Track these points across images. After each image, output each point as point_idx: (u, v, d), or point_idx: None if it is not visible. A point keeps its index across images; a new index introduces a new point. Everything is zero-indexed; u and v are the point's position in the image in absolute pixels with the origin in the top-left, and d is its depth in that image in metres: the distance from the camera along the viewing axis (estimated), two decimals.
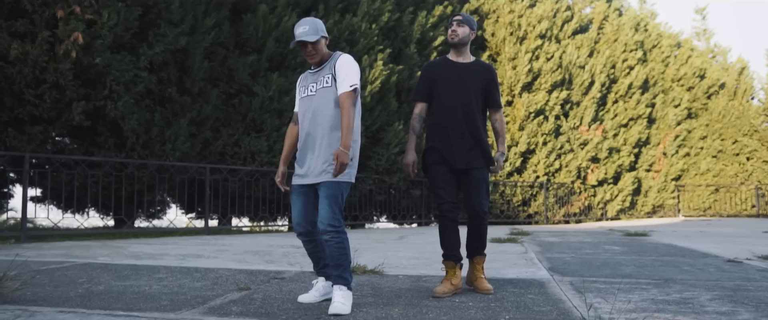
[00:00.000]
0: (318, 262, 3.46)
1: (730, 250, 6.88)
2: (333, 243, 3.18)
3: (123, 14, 8.05)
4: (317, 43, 3.30)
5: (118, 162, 8.27)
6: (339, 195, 3.21)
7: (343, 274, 3.19)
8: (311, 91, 3.36)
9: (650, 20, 18.97)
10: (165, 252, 6.04)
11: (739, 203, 18.96)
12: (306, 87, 3.42)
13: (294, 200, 3.36)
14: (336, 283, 3.18)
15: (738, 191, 18.98)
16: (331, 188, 3.20)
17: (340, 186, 3.23)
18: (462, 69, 3.88)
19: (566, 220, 16.20)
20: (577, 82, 16.13)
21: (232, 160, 9.84)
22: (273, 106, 10.00)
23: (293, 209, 3.37)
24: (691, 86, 19.02)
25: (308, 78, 3.44)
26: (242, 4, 10.16)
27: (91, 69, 7.93)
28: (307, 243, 3.39)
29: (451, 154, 3.76)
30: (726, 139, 19.13)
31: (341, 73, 3.28)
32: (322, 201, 3.20)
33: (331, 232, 3.16)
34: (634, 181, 17.28)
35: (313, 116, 3.31)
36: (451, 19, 3.93)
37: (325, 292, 3.39)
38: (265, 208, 10.54)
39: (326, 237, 3.20)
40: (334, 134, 3.26)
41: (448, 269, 3.76)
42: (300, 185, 3.34)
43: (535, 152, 15.43)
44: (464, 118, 3.78)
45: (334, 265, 3.21)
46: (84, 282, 3.89)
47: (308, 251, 3.42)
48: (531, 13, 15.73)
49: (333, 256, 3.20)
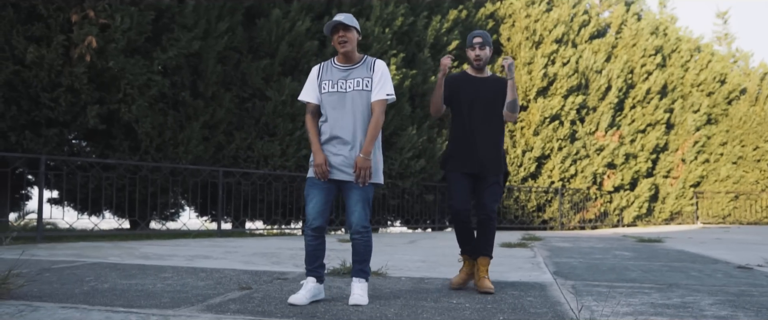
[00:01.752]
0: (315, 261, 3.43)
1: (743, 257, 6.79)
2: (362, 241, 3.38)
3: (136, 18, 8.19)
4: (350, 31, 3.41)
5: (132, 165, 8.41)
6: (371, 196, 3.38)
7: (365, 268, 3.42)
8: (341, 87, 3.42)
9: (670, 24, 18.77)
10: (174, 253, 6.13)
11: (759, 210, 18.65)
12: (333, 81, 3.45)
13: (313, 193, 3.39)
14: (357, 276, 3.40)
15: (759, 198, 18.66)
16: (364, 189, 3.35)
17: (372, 187, 3.40)
18: (483, 83, 4.13)
19: (582, 226, 16.06)
20: (593, 87, 16.02)
21: (245, 163, 9.94)
22: (286, 111, 10.08)
23: (310, 202, 3.38)
24: (712, 91, 18.76)
25: (335, 72, 3.48)
26: (256, 9, 10.28)
27: (105, 72, 8.08)
28: (314, 240, 3.40)
29: (466, 161, 4.03)
30: (747, 145, 18.83)
31: (380, 79, 3.42)
32: (355, 204, 3.34)
33: (363, 232, 3.36)
34: (651, 188, 17.09)
35: (349, 115, 3.38)
36: (472, 42, 4.08)
37: (315, 294, 3.38)
38: (278, 211, 10.62)
39: (357, 237, 3.37)
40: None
41: (466, 260, 4.11)
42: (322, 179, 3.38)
43: (551, 157, 15.34)
44: (484, 128, 4.03)
45: (359, 260, 3.41)
46: (91, 281, 3.97)
47: (311, 247, 3.40)
48: (547, 18, 15.66)
49: (359, 253, 3.40)
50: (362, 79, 3.43)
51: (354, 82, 3.41)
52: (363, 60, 3.50)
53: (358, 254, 3.40)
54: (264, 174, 9.88)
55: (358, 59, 3.49)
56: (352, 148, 3.38)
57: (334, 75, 3.46)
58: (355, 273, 3.42)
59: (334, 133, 3.39)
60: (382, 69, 3.46)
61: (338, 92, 3.41)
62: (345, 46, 3.41)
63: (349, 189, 3.38)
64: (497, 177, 4.04)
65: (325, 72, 3.50)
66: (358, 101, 3.39)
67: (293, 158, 10.27)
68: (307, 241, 3.42)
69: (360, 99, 3.40)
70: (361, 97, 3.40)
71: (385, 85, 3.43)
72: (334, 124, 3.40)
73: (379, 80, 3.41)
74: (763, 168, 18.84)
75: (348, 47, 3.42)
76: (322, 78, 3.49)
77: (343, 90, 3.41)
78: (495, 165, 4.03)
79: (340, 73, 3.46)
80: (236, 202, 9.75)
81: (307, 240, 3.42)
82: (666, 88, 17.70)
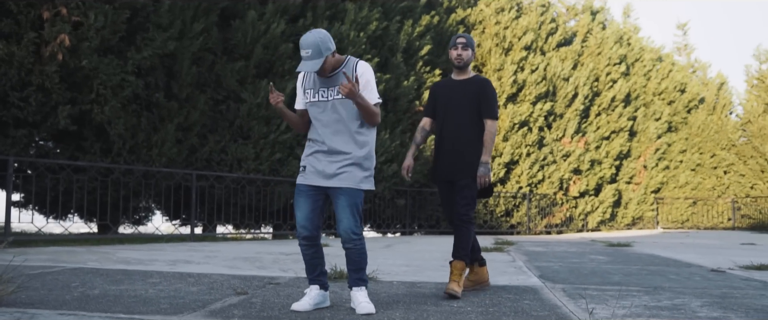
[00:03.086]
0: (314, 269, 3.37)
1: (713, 261, 7.01)
2: (355, 250, 3.27)
3: (110, 17, 7.99)
4: (325, 64, 3.24)
5: (104, 168, 8.19)
6: (359, 202, 3.26)
7: (363, 276, 3.31)
8: (323, 96, 3.31)
9: (633, 34, 19.30)
10: (154, 258, 5.99)
11: (715, 216, 19.29)
12: (315, 90, 3.35)
13: (300, 202, 3.29)
14: (356, 285, 3.29)
15: (715, 204, 19.31)
16: (351, 195, 3.23)
17: (360, 193, 3.27)
18: (458, 86, 4.13)
19: (548, 231, 16.33)
20: (560, 94, 16.33)
21: (218, 166, 9.79)
22: (261, 114, 9.98)
23: (299, 211, 3.28)
24: (672, 100, 19.36)
25: (317, 81, 3.35)
26: (231, 10, 10.15)
27: (77, 72, 7.86)
28: (308, 248, 3.31)
29: (441, 166, 4.08)
30: (704, 153, 19.48)
31: (364, 86, 3.25)
32: (343, 210, 3.21)
33: (355, 240, 3.23)
34: (614, 193, 17.50)
35: (332, 124, 3.28)
36: (456, 42, 4.08)
37: (318, 301, 3.33)
38: (250, 216, 10.49)
39: (349, 245, 3.25)
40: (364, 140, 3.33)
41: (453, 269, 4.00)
42: (309, 186, 3.29)
43: (519, 163, 15.56)
44: (454, 132, 4.04)
45: (355, 269, 3.30)
46: (78, 286, 3.85)
47: (307, 256, 3.33)
48: (517, 25, 15.91)
49: (354, 261, 3.29)
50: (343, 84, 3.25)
51: (335, 91, 3.29)
52: (345, 63, 3.34)
53: (354, 262, 3.30)
54: (237, 177, 9.75)
55: (340, 62, 3.34)
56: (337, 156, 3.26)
57: (316, 83, 3.35)
58: (353, 282, 3.31)
59: (319, 140, 3.31)
60: (365, 72, 3.30)
61: (320, 101, 3.32)
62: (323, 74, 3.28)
63: (336, 196, 3.26)
64: (467, 180, 3.97)
65: (307, 80, 3.40)
66: (339, 110, 3.28)
67: (267, 162, 10.17)
68: (303, 251, 3.34)
69: (342, 107, 3.28)
70: (343, 106, 3.28)
71: (371, 93, 3.30)
72: (321, 133, 3.30)
73: (363, 88, 3.27)
74: (719, 175, 19.52)
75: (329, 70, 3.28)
76: (304, 86, 3.40)
77: (324, 98, 3.31)
78: (462, 169, 3.98)
79: (322, 81, 3.33)
80: (209, 206, 9.59)
81: (302, 249, 3.34)
82: (629, 97, 18.18)
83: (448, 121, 4.04)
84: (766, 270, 5.83)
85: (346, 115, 3.28)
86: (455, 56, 4.06)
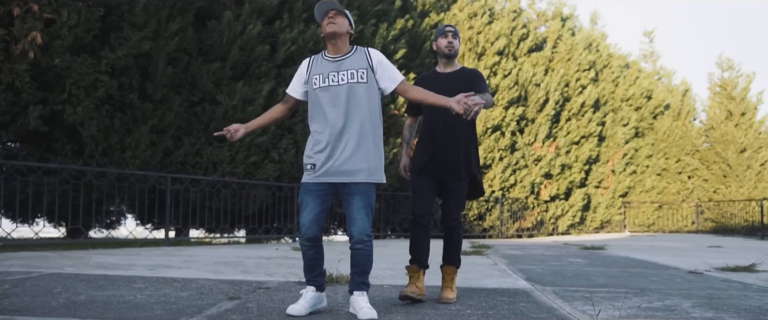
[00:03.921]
0: (313, 270, 3.26)
1: (688, 263, 7.16)
2: (365, 251, 3.12)
3: (84, 14, 7.77)
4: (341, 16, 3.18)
5: (75, 170, 7.95)
6: (373, 200, 3.14)
7: (366, 280, 3.18)
8: (333, 80, 3.14)
9: (601, 41, 19.67)
10: (132, 262, 5.83)
11: (680, 219, 19.76)
12: (324, 74, 3.17)
13: (308, 200, 3.13)
14: (359, 289, 3.15)
15: (679, 208, 19.78)
16: (366, 194, 3.10)
17: (374, 189, 3.16)
18: (447, 79, 3.87)
19: (519, 234, 16.49)
20: (532, 99, 16.53)
21: (193, 169, 9.61)
22: (237, 116, 9.82)
23: (306, 211, 3.12)
24: (639, 106, 19.77)
25: (325, 65, 3.19)
26: (206, 10, 9.99)
27: (49, 71, 7.63)
28: (310, 249, 3.19)
29: (431, 164, 3.80)
30: (670, 158, 19.95)
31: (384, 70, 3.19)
32: (358, 210, 3.08)
33: (367, 241, 3.10)
34: (584, 197, 17.78)
35: (347, 110, 3.11)
36: (445, 30, 3.89)
37: (314, 303, 3.23)
38: (225, 219, 10.32)
39: (359, 246, 3.10)
40: (377, 132, 3.18)
41: (412, 273, 3.77)
42: (320, 184, 3.13)
43: (492, 167, 15.68)
44: (446, 128, 3.79)
45: (360, 272, 3.15)
46: (62, 292, 3.71)
47: (308, 257, 3.21)
48: (489, 30, 16.06)
49: (361, 264, 3.15)
50: (357, 70, 3.14)
51: (348, 74, 3.13)
52: (354, 50, 3.22)
53: (360, 265, 3.14)
54: (213, 180, 9.59)
55: (349, 50, 3.23)
56: (350, 147, 3.10)
57: (325, 67, 3.17)
58: (356, 286, 3.16)
59: (334, 130, 3.10)
60: (381, 56, 3.21)
61: (330, 86, 3.13)
62: (333, 26, 3.15)
63: (351, 194, 3.10)
64: (459, 182, 3.82)
65: (316, 65, 3.22)
66: (354, 94, 3.11)
67: (242, 165, 10.02)
68: (303, 251, 3.21)
69: (362, 92, 3.12)
70: (362, 89, 3.11)
71: (393, 73, 3.22)
72: (334, 122, 3.10)
73: (384, 71, 3.19)
74: (683, 179, 20.01)
75: (335, 28, 3.15)
76: (312, 72, 3.21)
77: (335, 83, 3.12)
78: (457, 169, 3.80)
79: (330, 64, 3.18)
80: (184, 210, 9.40)
81: (303, 249, 3.20)
82: (598, 102, 18.51)
83: (440, 115, 3.73)
84: (741, 272, 5.98)
85: (359, 100, 3.12)
86: (446, 44, 3.84)
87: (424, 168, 3.82)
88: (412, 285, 3.70)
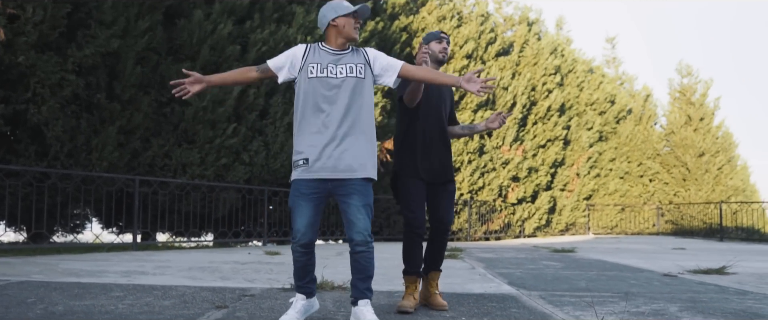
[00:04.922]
0: (304, 277, 3.14)
1: (659, 265, 7.30)
2: (367, 255, 2.97)
3: (50, 10, 7.48)
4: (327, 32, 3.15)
5: (39, 172, 7.64)
6: (372, 200, 3.02)
7: (370, 287, 3.03)
8: (332, 72, 3.05)
9: (566, 46, 19.99)
10: (103, 269, 5.62)
11: (642, 222, 20.21)
12: (322, 65, 3.07)
13: (301, 204, 2.98)
14: (363, 298, 2.99)
15: (641, 211, 20.24)
16: (364, 193, 2.98)
17: (371, 187, 3.05)
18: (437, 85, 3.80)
19: (487, 237, 16.61)
20: (500, 103, 16.68)
21: (161, 171, 9.36)
22: (207, 117, 9.63)
23: (300, 215, 2.98)
24: (603, 111, 20.16)
25: (324, 55, 3.11)
26: (176, 9, 9.76)
27: (12, 69, 7.31)
28: (303, 255, 3.06)
29: (425, 166, 3.71)
30: (632, 162, 20.40)
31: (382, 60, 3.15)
32: (358, 210, 2.94)
33: (370, 243, 2.97)
34: (550, 200, 18.03)
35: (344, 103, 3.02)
36: (440, 35, 3.87)
37: (305, 311, 3.13)
38: (194, 223, 10.09)
39: (362, 249, 2.95)
40: (371, 128, 3.10)
41: (410, 283, 3.70)
42: (313, 183, 2.99)
43: (461, 170, 15.76)
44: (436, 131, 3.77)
45: (363, 278, 2.99)
46: (36, 302, 3.53)
47: (300, 263, 3.08)
48: (458, 33, 16.15)
49: (364, 268, 2.98)
50: (355, 65, 3.08)
51: (347, 68, 3.06)
52: (351, 49, 3.17)
53: (363, 270, 2.97)
54: (182, 183, 9.35)
55: (348, 49, 3.16)
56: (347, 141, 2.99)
57: (324, 58, 3.08)
58: (360, 294, 2.98)
59: (329, 122, 2.99)
60: (374, 53, 3.18)
61: (328, 77, 3.03)
62: (357, 32, 3.14)
63: (348, 194, 2.96)
64: (452, 184, 3.80)
65: (313, 54, 3.11)
66: (352, 88, 3.04)
67: (212, 167, 9.81)
68: (296, 257, 3.07)
69: (355, 85, 3.05)
70: (356, 84, 3.05)
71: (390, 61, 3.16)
72: (329, 114, 3.00)
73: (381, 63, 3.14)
74: (645, 182, 20.48)
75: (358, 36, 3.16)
76: (308, 60, 3.09)
77: (333, 75, 3.04)
78: (450, 170, 3.78)
79: (330, 56, 3.09)
80: (152, 213, 9.14)
81: (296, 256, 3.06)
82: (564, 106, 18.79)
83: (430, 117, 3.70)
84: (713, 274, 6.11)
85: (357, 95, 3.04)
86: (441, 49, 3.82)
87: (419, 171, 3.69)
88: (410, 296, 3.64)
